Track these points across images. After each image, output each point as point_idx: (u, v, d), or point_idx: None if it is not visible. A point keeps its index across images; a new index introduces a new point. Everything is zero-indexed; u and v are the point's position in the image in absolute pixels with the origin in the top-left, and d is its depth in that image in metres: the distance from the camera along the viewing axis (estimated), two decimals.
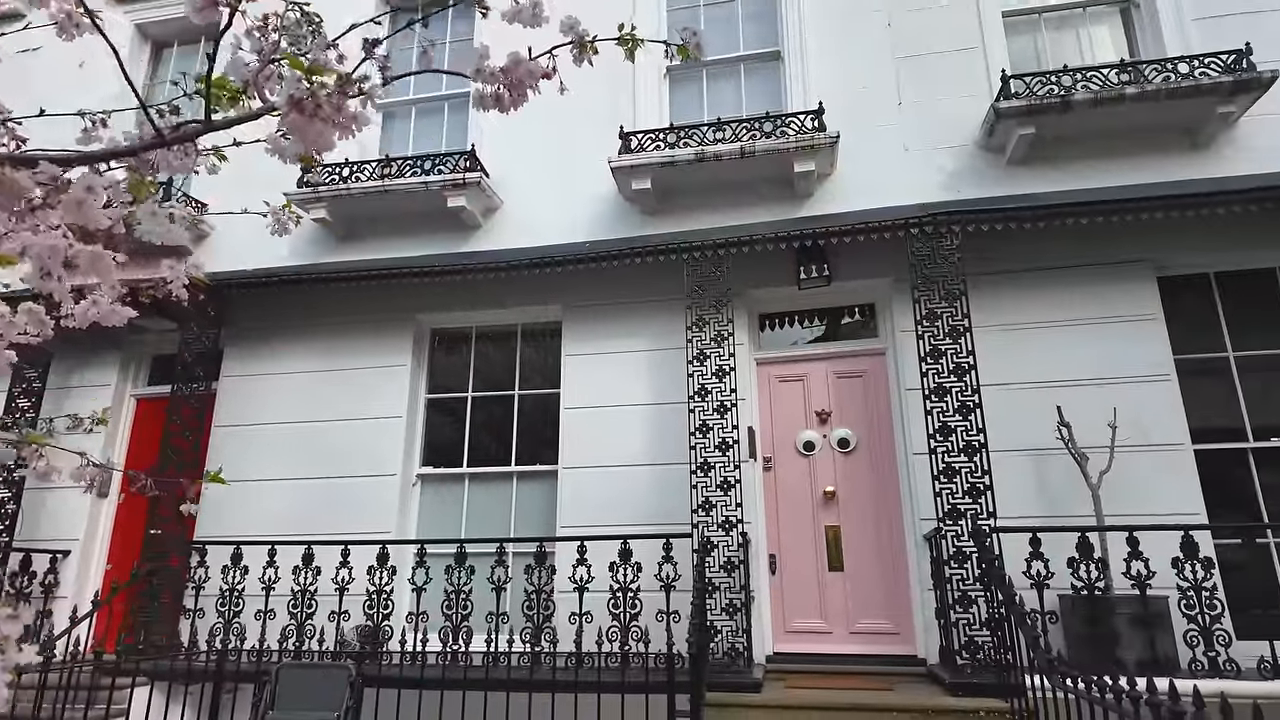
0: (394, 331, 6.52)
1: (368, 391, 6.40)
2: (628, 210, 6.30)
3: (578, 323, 6.26)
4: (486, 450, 6.44)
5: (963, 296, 5.12)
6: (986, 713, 4.02)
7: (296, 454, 6.37)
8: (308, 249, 6.86)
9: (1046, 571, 4.20)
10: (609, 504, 5.71)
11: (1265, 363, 5.30)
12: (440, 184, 6.21)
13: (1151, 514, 4.66)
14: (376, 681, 4.78)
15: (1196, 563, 4.15)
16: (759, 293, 6.08)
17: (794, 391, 6.05)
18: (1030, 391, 5.23)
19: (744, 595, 5.04)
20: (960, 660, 4.45)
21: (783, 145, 5.66)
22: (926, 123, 6.01)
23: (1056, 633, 4.45)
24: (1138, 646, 4.25)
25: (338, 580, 5.07)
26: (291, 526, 5.93)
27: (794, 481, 5.82)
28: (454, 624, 4.94)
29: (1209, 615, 4.10)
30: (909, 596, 5.28)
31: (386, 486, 6.15)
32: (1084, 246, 5.43)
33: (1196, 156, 5.52)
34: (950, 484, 4.79)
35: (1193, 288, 5.52)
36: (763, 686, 4.64)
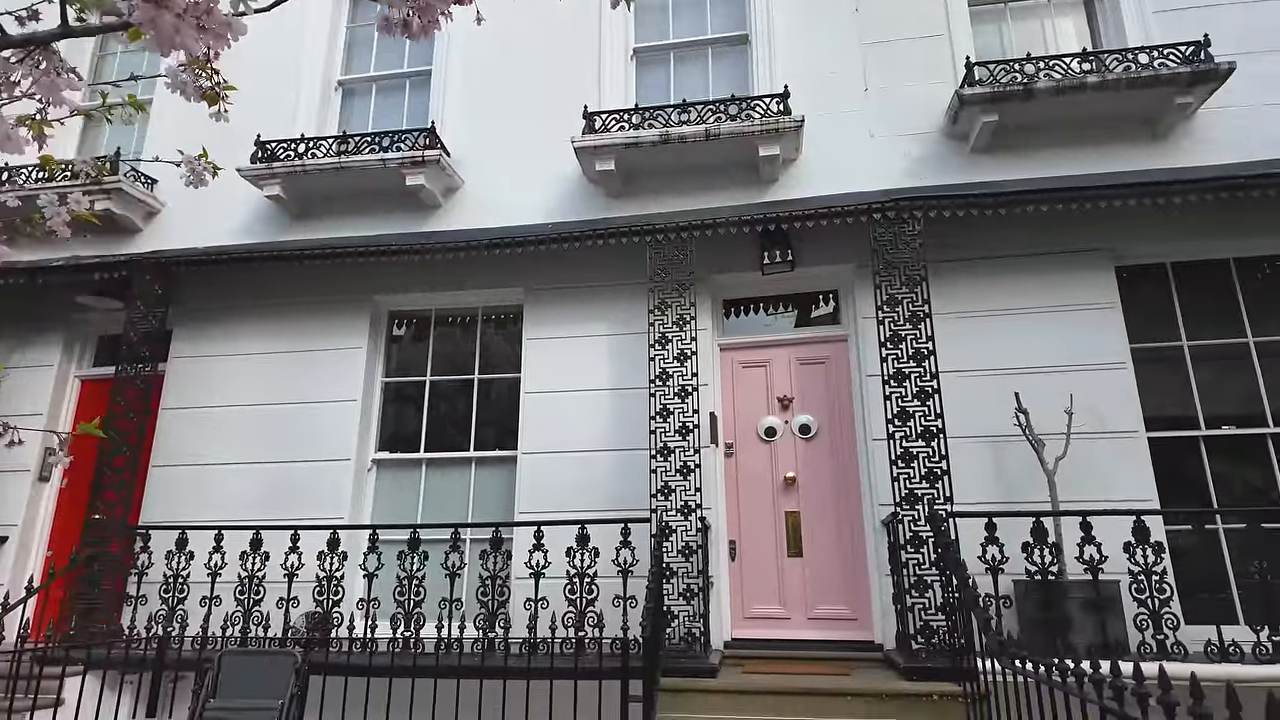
0: (350, 313, 6.36)
1: (322, 374, 6.24)
2: (592, 192, 6.21)
3: (539, 306, 6.15)
4: (445, 435, 6.31)
5: (923, 282, 5.11)
6: (940, 696, 4.01)
7: (247, 438, 6.19)
8: (261, 227, 6.67)
9: (1001, 556, 4.20)
10: (569, 490, 5.62)
11: (1218, 352, 5.37)
12: (399, 162, 6.06)
13: (1106, 500, 4.70)
14: (324, 669, 4.66)
15: (1147, 547, 4.18)
16: (723, 278, 6.03)
17: (757, 377, 6.01)
18: (989, 378, 5.24)
19: (701, 580, 5.00)
20: (915, 645, 4.45)
21: (748, 128, 5.60)
22: (892, 109, 6.00)
23: (1011, 617, 4.47)
24: (1089, 630, 4.27)
25: (287, 566, 4.92)
26: (241, 512, 5.77)
27: (755, 468, 5.79)
28: (406, 610, 4.82)
29: (1158, 599, 4.14)
30: (867, 582, 5.28)
31: (341, 472, 5.99)
32: (1044, 235, 5.45)
33: (1156, 147, 5.58)
34: (908, 469, 4.78)
35: (1149, 277, 5.57)
36: (719, 671, 4.60)
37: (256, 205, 6.70)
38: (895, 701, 4.02)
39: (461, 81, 6.82)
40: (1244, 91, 5.43)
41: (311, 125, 6.92)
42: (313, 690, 4.50)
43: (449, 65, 6.89)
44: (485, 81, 6.77)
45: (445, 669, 4.52)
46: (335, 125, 7.11)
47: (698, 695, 4.28)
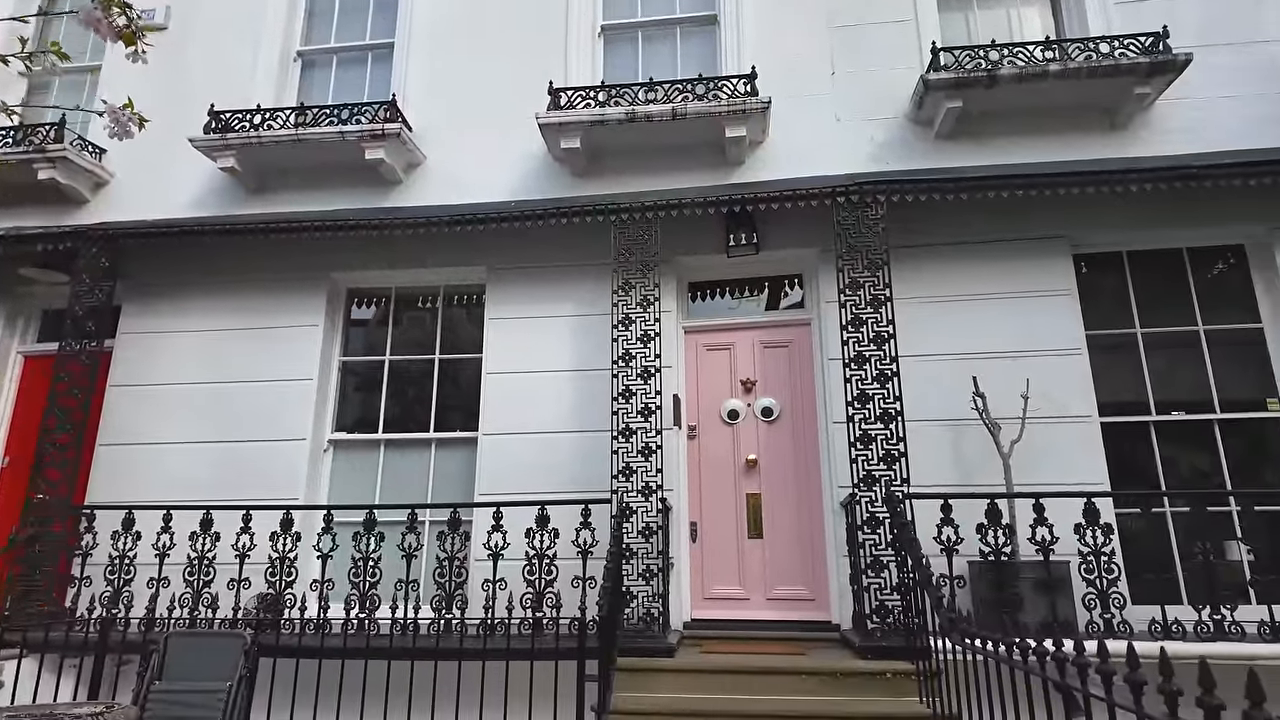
0: (307, 290, 6.20)
1: (277, 352, 6.08)
2: (557, 171, 6.12)
3: (502, 286, 6.06)
4: (404, 416, 6.21)
5: (885, 267, 5.13)
6: (893, 674, 4.06)
7: (199, 416, 6.02)
8: (215, 200, 6.47)
9: (956, 537, 4.25)
10: (530, 471, 5.57)
11: (1170, 339, 5.48)
12: (358, 135, 5.91)
13: (1059, 483, 4.77)
14: (275, 651, 4.56)
15: (1097, 529, 4.26)
16: (689, 260, 5.99)
17: (721, 360, 6.00)
18: (947, 362, 5.29)
19: (661, 561, 4.99)
20: (871, 624, 4.49)
21: (715, 108, 5.56)
22: (859, 94, 5.99)
23: (965, 597, 4.55)
24: (1040, 610, 4.35)
25: (238, 547, 4.82)
26: (192, 492, 5.60)
27: (718, 450, 5.79)
28: (361, 592, 4.74)
29: (1106, 579, 4.22)
30: (825, 563, 5.32)
31: (296, 452, 5.86)
32: (1004, 222, 5.50)
33: (1115, 137, 5.64)
34: (866, 450, 4.81)
35: (1106, 266, 5.66)
36: (677, 651, 4.60)
37: (210, 178, 6.49)
38: (849, 680, 4.05)
39: (425, 55, 6.67)
40: (1201, 83, 5.52)
41: (269, 97, 6.71)
42: (263, 672, 4.40)
43: (412, 38, 6.72)
44: (449, 56, 6.62)
45: (400, 650, 4.46)
46: (294, 97, 6.91)
47: (655, 674, 4.27)
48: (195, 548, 4.93)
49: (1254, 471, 5.22)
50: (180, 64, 6.85)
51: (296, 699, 4.40)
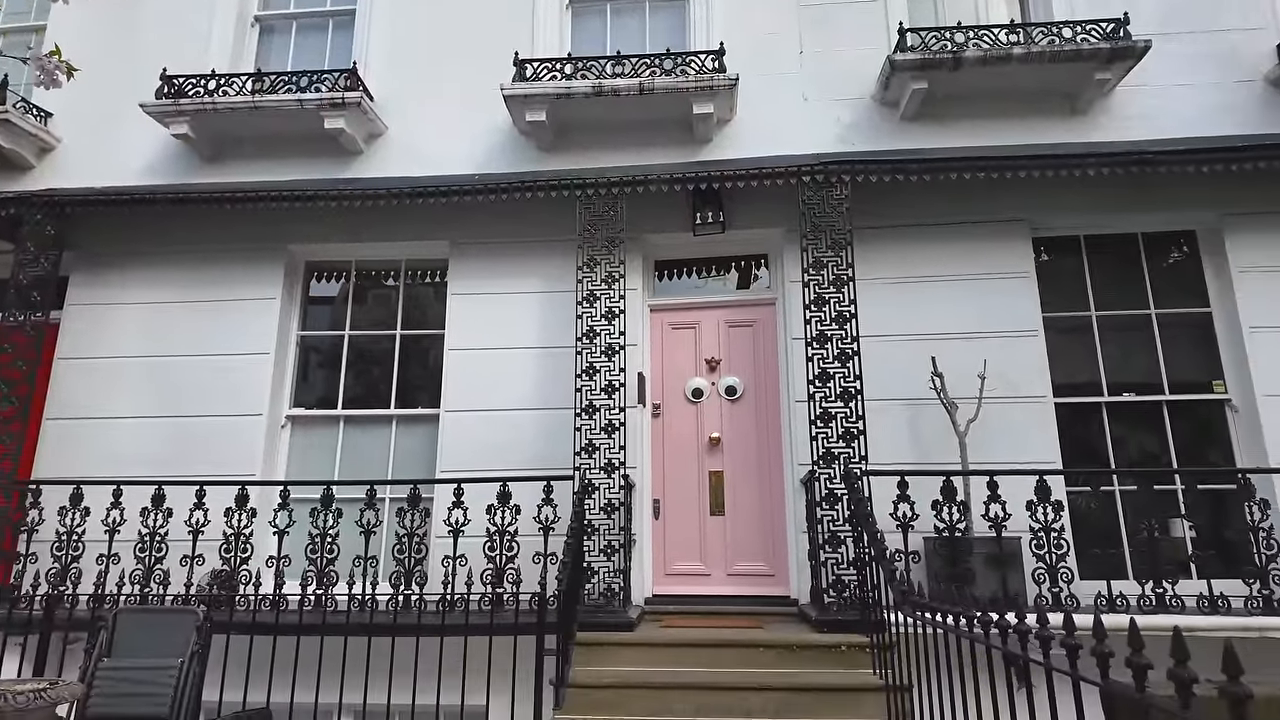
0: (263, 262, 6.05)
1: (233, 326, 5.93)
2: (522, 144, 6.03)
3: (465, 261, 5.97)
4: (364, 392, 6.12)
5: (849, 247, 5.16)
6: (848, 647, 4.13)
7: (151, 390, 5.86)
8: (168, 168, 6.28)
9: (912, 514, 4.33)
10: (492, 449, 5.53)
11: (1123, 323, 5.60)
12: (317, 103, 5.76)
13: (1013, 461, 4.87)
14: (230, 627, 4.50)
15: (1048, 505, 4.36)
16: (655, 238, 5.96)
17: (686, 339, 6.00)
18: (907, 342, 5.35)
19: (623, 537, 5.00)
20: (828, 599, 4.56)
21: (682, 84, 5.52)
22: (826, 73, 5.99)
23: (920, 571, 4.63)
24: (991, 584, 4.45)
25: (191, 523, 4.72)
26: (143, 468, 5.46)
27: (681, 428, 5.80)
28: (319, 568, 4.69)
29: (1056, 554, 4.34)
30: (785, 540, 5.38)
31: (252, 427, 5.75)
32: (966, 204, 5.55)
33: (1075, 121, 5.73)
34: (826, 429, 4.86)
35: (1064, 249, 5.75)
36: (637, 626, 4.63)
37: (163, 145, 6.29)
38: (805, 652, 4.12)
39: (388, 23, 6.51)
40: (1159, 71, 5.61)
41: (225, 62, 6.50)
42: (217, 649, 4.34)
43: (374, 4, 6.56)
44: (413, 24, 6.47)
45: (357, 626, 4.42)
46: (251, 63, 6.70)
47: (615, 649, 4.30)
48: (147, 524, 4.83)
49: (1199, 451, 5.38)
50: (132, 26, 6.61)
51: (251, 675, 4.34)
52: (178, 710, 3.96)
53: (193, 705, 4.07)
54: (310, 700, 4.24)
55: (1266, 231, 5.35)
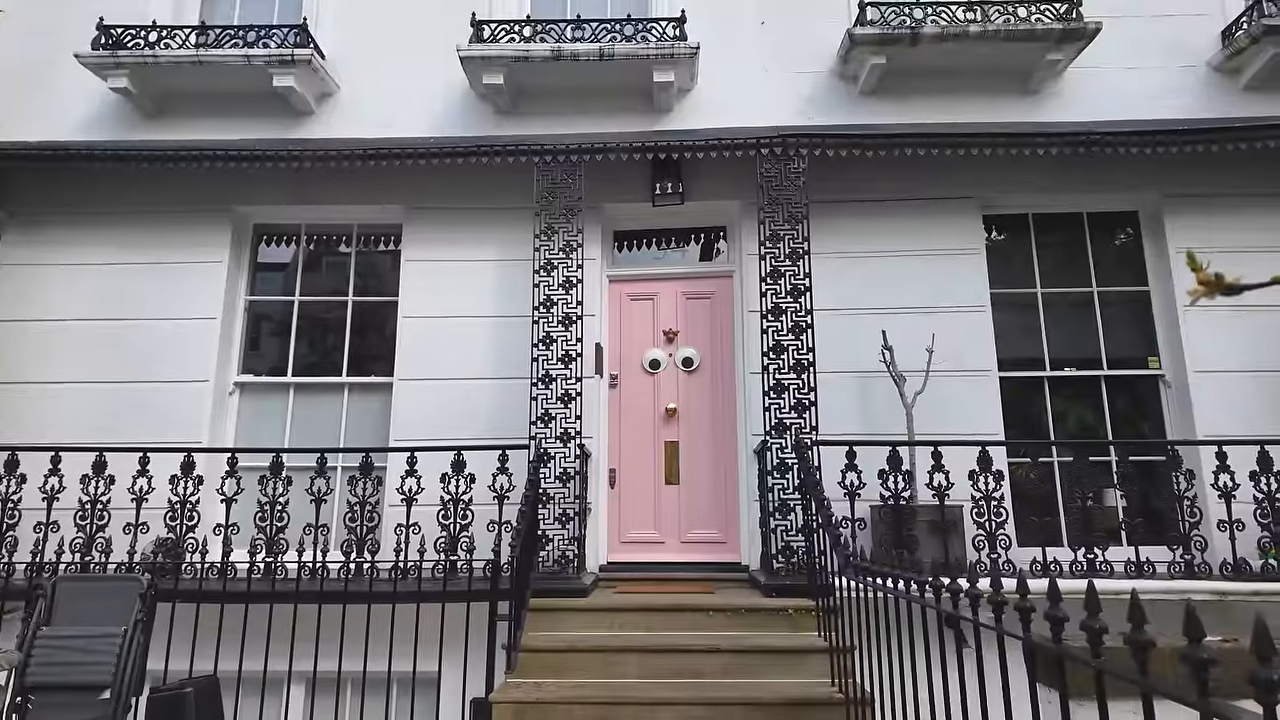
0: (209, 224, 5.86)
1: (178, 290, 5.75)
2: (479, 108, 5.92)
3: (420, 226, 5.87)
4: (316, 360, 6.00)
5: (805, 220, 5.21)
6: (795, 610, 4.24)
7: (92, 355, 5.67)
8: (107, 125, 6.02)
9: (859, 483, 4.45)
10: (447, 418, 5.49)
11: (1066, 299, 5.78)
12: (265, 60, 5.56)
13: (958, 433, 5.01)
14: (176, 595, 4.43)
15: (989, 475, 4.52)
16: (614, 208, 5.93)
17: (644, 310, 6.01)
18: (859, 316, 5.44)
19: (578, 506, 5.04)
20: (777, 564, 4.67)
21: (643, 51, 5.46)
22: (787, 45, 5.98)
23: (866, 538, 4.78)
24: (934, 550, 4.60)
25: (135, 491, 4.61)
26: (84, 435, 5.30)
27: (638, 398, 5.84)
28: (268, 536, 4.63)
29: (995, 522, 4.50)
30: (737, 508, 5.48)
31: (198, 394, 5.61)
32: (919, 181, 5.62)
33: (1028, 101, 5.84)
34: (779, 400, 4.94)
35: (1013, 227, 5.89)
36: (591, 592, 4.69)
37: (101, 99, 6.01)
38: (753, 616, 4.22)
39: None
40: (1109, 54, 5.73)
41: (167, 13, 6.22)
42: (163, 618, 4.27)
43: None
44: None
45: (307, 594, 4.39)
46: (195, 15, 6.42)
47: (568, 614, 4.35)
48: (88, 491, 4.71)
49: (1134, 424, 5.61)
50: None
51: (198, 644, 4.29)
52: (121, 678, 3.89)
53: (137, 674, 4.00)
54: (259, 669, 4.21)
55: (1203, 213, 5.54)
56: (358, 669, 4.21)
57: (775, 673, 3.82)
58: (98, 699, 3.90)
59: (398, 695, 4.58)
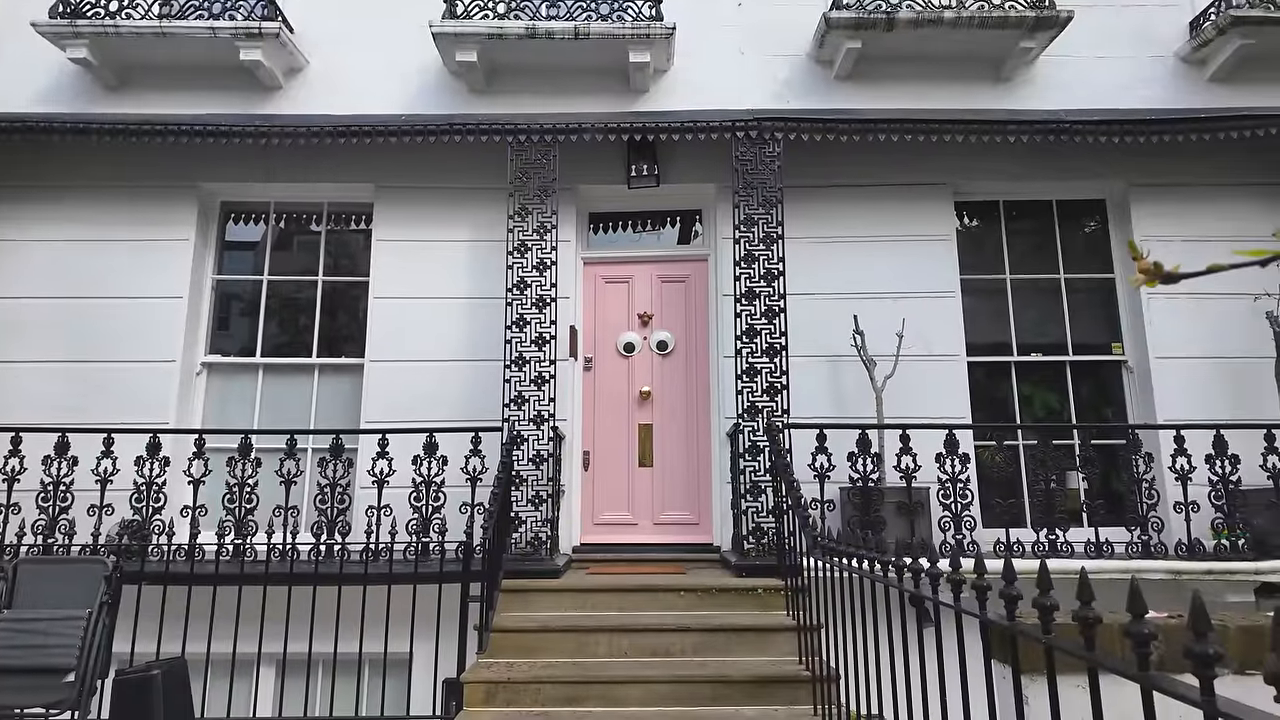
0: (175, 201, 5.72)
1: (144, 268, 5.62)
2: (452, 86, 5.84)
3: (391, 206, 5.79)
4: (286, 340, 5.92)
5: (779, 204, 5.22)
6: (764, 590, 4.31)
7: (52, 334, 5.54)
8: (66, 96, 5.84)
9: (829, 465, 4.52)
10: (419, 400, 5.46)
11: (1034, 286, 5.87)
12: (231, 32, 5.43)
13: (926, 416, 5.09)
14: (142, 578, 4.38)
15: (955, 458, 4.61)
16: (589, 189, 5.90)
17: (619, 293, 6.00)
18: (832, 301, 5.48)
19: (551, 488, 5.05)
20: (747, 545, 4.73)
21: (618, 30, 5.41)
22: (764, 28, 5.96)
23: (835, 519, 4.84)
24: (901, 531, 4.69)
25: (99, 472, 4.54)
26: (46, 415, 5.18)
27: (613, 381, 5.85)
28: (237, 518, 4.59)
29: (961, 503, 4.59)
30: (710, 490, 5.53)
31: (165, 374, 5.51)
32: (893, 166, 5.66)
33: (1001, 88, 5.89)
34: (752, 383, 4.98)
35: (983, 214, 5.96)
36: (563, 573, 4.72)
37: (60, 70, 5.83)
38: (723, 595, 4.28)
39: None
40: (1080, 42, 5.79)
41: None
42: (129, 600, 4.22)
43: None
44: None
45: (277, 575, 4.37)
46: None
47: (540, 595, 4.38)
48: (50, 473, 4.63)
49: (1097, 408, 5.74)
50: None
51: (165, 627, 4.25)
52: (86, 661, 3.86)
53: (103, 656, 3.96)
54: (228, 651, 4.18)
55: (1168, 202, 5.65)
56: (329, 651, 4.20)
57: (744, 651, 3.89)
58: (62, 682, 3.86)
59: (369, 676, 4.60)
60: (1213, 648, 1.10)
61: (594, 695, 3.61)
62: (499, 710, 3.60)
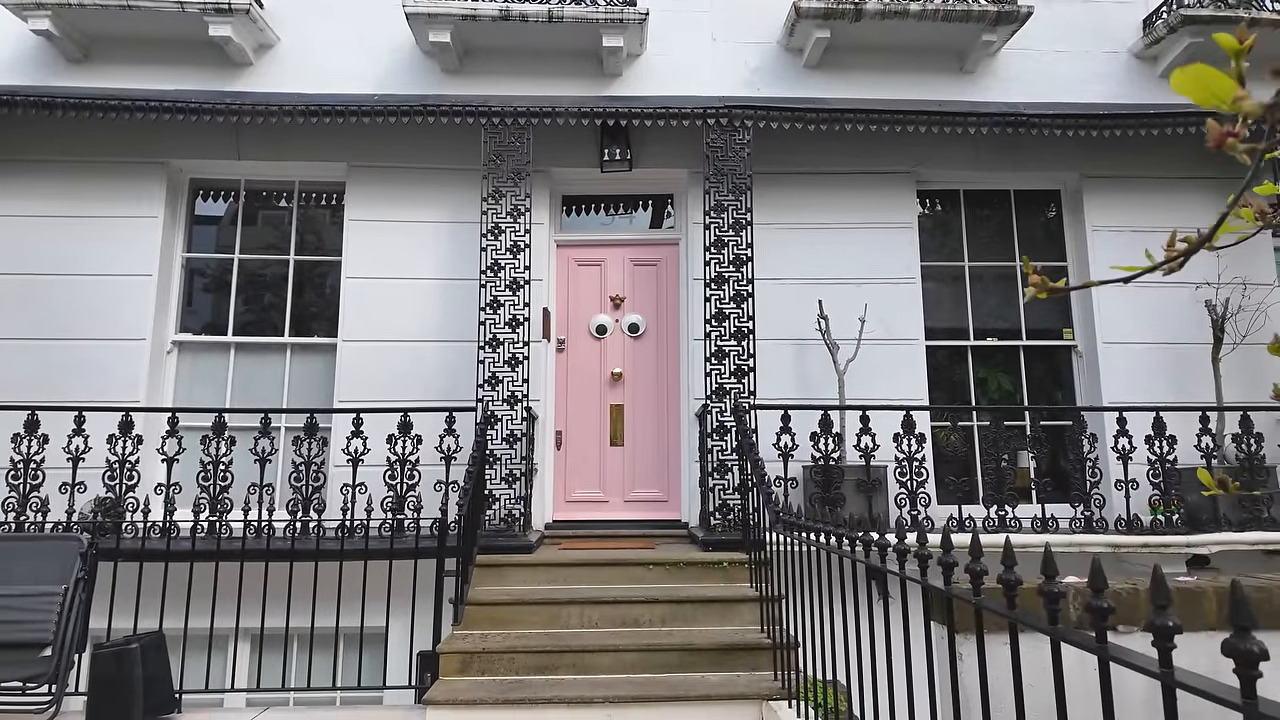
0: (143, 178, 5.67)
1: (110, 244, 5.58)
2: (426, 66, 5.84)
3: (364, 185, 5.80)
4: (257, 318, 5.93)
5: (749, 191, 5.35)
6: (729, 563, 4.50)
7: (17, 311, 5.48)
8: (28, 68, 5.74)
9: (793, 444, 4.71)
10: (393, 379, 5.53)
11: (992, 273, 6.10)
12: (200, 7, 5.36)
13: (886, 397, 5.30)
14: (117, 555, 4.42)
15: (912, 437, 4.82)
16: (563, 172, 5.96)
17: (591, 276, 6.10)
18: (798, 285, 5.65)
19: (525, 466, 5.17)
20: (714, 521, 4.91)
21: (592, 15, 5.46)
22: (735, 14, 6.05)
23: (798, 496, 5.04)
24: (860, 507, 4.91)
25: (71, 450, 4.56)
26: (11, 394, 5.16)
27: (585, 363, 5.96)
28: (211, 495, 4.64)
29: (916, 481, 4.82)
30: (679, 468, 5.71)
31: (134, 352, 5.50)
32: (858, 155, 5.82)
33: (964, 80, 6.07)
34: (720, 365, 5.14)
35: (945, 201, 6.16)
36: (536, 549, 4.86)
37: (21, 41, 5.71)
38: (690, 569, 4.46)
39: None
40: (1041, 36, 5.99)
41: None
42: (105, 578, 4.27)
43: None
44: None
45: (253, 552, 4.44)
46: None
47: (514, 569, 4.51)
48: (20, 450, 4.62)
49: (1047, 391, 6.01)
50: None
51: (142, 603, 4.31)
52: (63, 635, 3.91)
53: (79, 632, 4.02)
54: (205, 626, 4.26)
55: (1119, 194, 5.90)
56: (305, 626, 4.31)
57: (708, 620, 4.07)
58: (38, 656, 3.92)
59: (345, 651, 4.70)
60: (1106, 602, 1.28)
61: (565, 664, 3.78)
62: (474, 679, 3.74)
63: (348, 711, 4.51)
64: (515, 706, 3.51)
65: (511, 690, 3.60)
